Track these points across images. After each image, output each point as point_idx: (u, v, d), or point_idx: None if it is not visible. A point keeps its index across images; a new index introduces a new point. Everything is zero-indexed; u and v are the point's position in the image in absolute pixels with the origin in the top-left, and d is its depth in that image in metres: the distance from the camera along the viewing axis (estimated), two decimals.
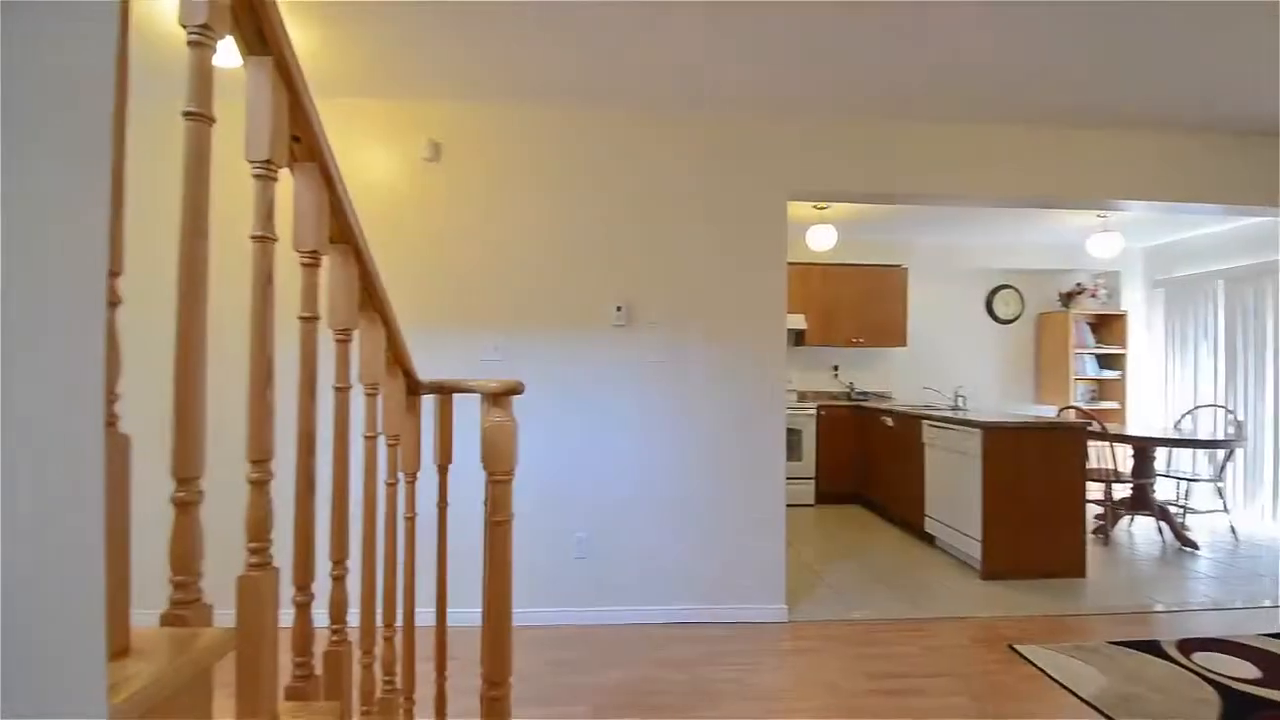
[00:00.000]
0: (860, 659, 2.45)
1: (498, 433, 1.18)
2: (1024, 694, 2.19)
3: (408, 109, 2.76)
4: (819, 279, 5.62)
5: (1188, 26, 2.13)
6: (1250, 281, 4.88)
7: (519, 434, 2.71)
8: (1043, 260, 5.94)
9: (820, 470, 5.25)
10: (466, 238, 2.77)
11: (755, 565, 2.84)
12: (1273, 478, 4.66)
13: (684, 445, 2.83)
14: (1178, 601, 3.13)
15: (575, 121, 2.82)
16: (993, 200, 3.07)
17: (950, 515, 3.79)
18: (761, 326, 2.87)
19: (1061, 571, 3.45)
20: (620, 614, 2.78)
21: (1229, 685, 2.24)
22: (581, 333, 2.80)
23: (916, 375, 6.12)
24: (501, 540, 1.22)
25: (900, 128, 2.95)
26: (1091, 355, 5.95)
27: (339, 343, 1.10)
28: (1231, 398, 5.01)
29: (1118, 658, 2.46)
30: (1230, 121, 2.94)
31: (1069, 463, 3.50)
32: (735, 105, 2.80)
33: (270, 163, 0.88)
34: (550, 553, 2.77)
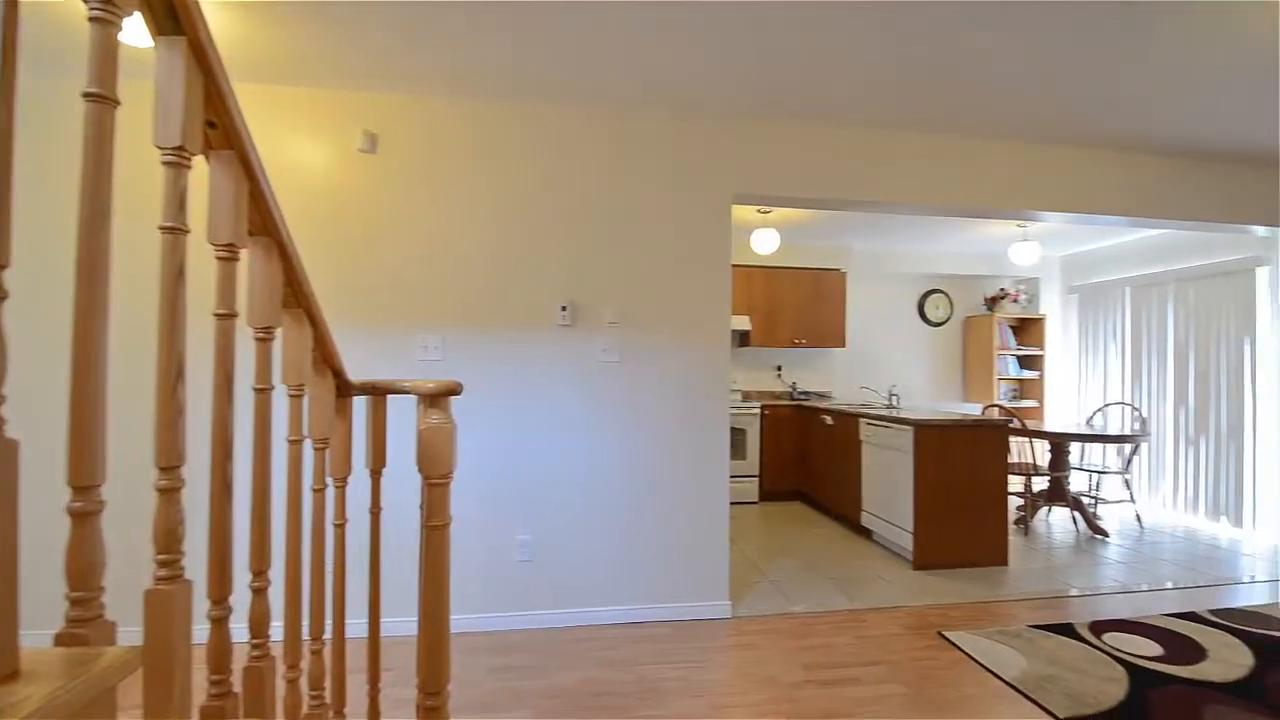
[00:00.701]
0: (799, 651, 2.51)
1: (435, 435, 1.14)
2: (951, 678, 2.30)
3: (342, 98, 2.65)
4: (762, 281, 5.75)
5: (1105, 54, 2.29)
6: (1154, 288, 5.29)
7: (459, 436, 2.66)
8: (969, 266, 6.27)
9: (764, 468, 5.37)
10: (405, 233, 2.68)
11: (700, 563, 2.88)
12: (1173, 469, 5.07)
13: (629, 445, 2.83)
14: (1090, 586, 3.35)
15: (518, 117, 2.77)
16: (926, 208, 3.21)
17: (885, 509, 3.94)
18: (706, 327, 2.91)
19: (986, 560, 3.65)
20: (566, 617, 2.75)
21: (1135, 663, 2.42)
22: (525, 332, 2.76)
23: (854, 375, 6.35)
24: (438, 545, 1.18)
25: (842, 135, 3.05)
26: (1013, 356, 6.32)
27: (260, 341, 1.04)
28: (1137, 396, 5.42)
29: (1037, 640, 2.61)
30: (1139, 141, 3.18)
31: (993, 458, 3.70)
32: (681, 106, 2.82)
33: (182, 149, 0.83)
34: (493, 557, 2.72)
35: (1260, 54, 2.31)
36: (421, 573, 1.22)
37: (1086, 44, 2.25)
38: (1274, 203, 3.54)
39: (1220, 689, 2.22)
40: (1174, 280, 5.09)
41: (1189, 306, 4.98)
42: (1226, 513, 4.62)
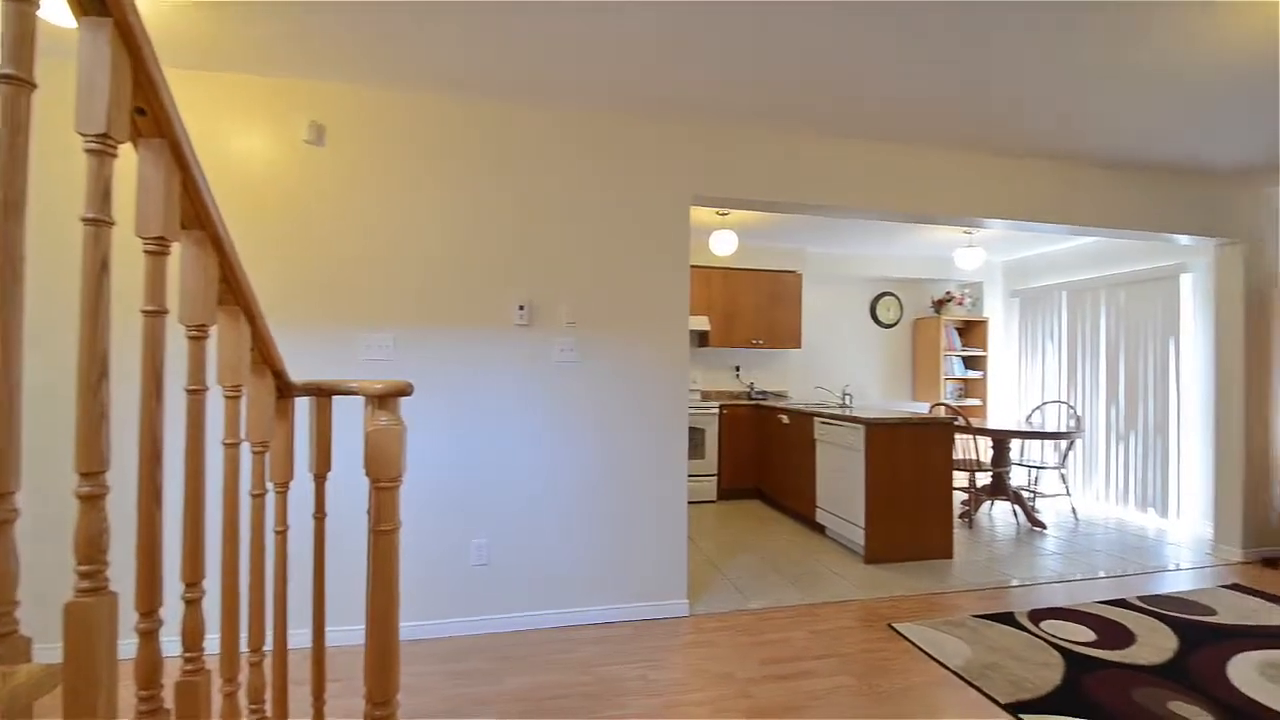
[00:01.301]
0: (755, 646, 2.55)
1: (383, 437, 1.11)
2: (901, 668, 2.37)
3: (287, 87, 2.55)
4: (721, 282, 5.82)
5: (1045, 71, 2.40)
6: (1088, 293, 5.58)
7: (412, 438, 2.60)
8: (918, 270, 6.49)
9: (722, 467, 5.43)
10: (354, 229, 2.60)
11: (659, 563, 2.89)
12: (1105, 464, 5.36)
13: (588, 446, 2.82)
14: (1029, 576, 3.51)
15: (474, 113, 2.73)
16: (878, 213, 3.30)
17: (838, 506, 4.04)
18: (666, 327, 2.92)
19: (933, 553, 3.78)
20: (523, 620, 2.72)
21: (1070, 649, 2.54)
22: (481, 332, 2.71)
23: (810, 375, 6.49)
24: (387, 551, 1.15)
25: (798, 140, 3.11)
26: (959, 357, 6.57)
27: (193, 340, 0.99)
28: (1072, 394, 5.70)
29: (980, 630, 2.72)
30: (1076, 153, 3.35)
31: (939, 454, 3.84)
32: (639, 107, 2.83)
33: (107, 137, 0.78)
34: (448, 561, 2.66)
35: (1184, 74, 2.46)
36: (369, 579, 1.18)
37: (1028, 61, 2.35)
38: (1197, 213, 3.78)
39: (1148, 671, 2.35)
40: (1106, 285, 5.38)
41: (1120, 310, 5.27)
42: (1153, 504, 4.91)
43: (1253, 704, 2.11)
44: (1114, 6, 2.02)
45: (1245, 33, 2.17)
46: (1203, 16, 2.07)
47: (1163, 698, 2.16)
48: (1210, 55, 2.32)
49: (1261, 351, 3.89)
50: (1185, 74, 2.46)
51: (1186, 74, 2.46)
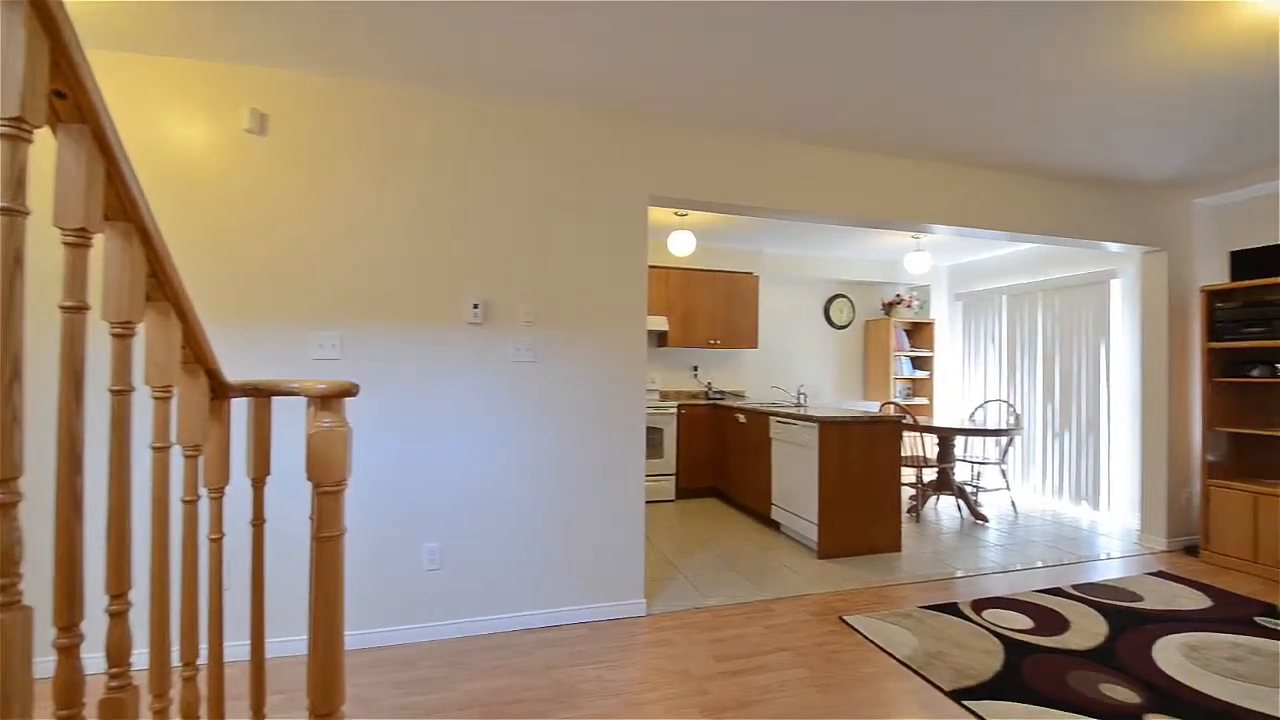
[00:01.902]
0: (711, 643, 2.58)
1: (326, 439, 1.08)
2: (851, 660, 2.44)
3: (226, 73, 2.44)
4: (679, 283, 5.85)
5: (990, 86, 2.51)
6: (1026, 296, 5.85)
7: (361, 441, 2.52)
8: (869, 273, 6.68)
9: (680, 466, 5.47)
10: (300, 222, 2.51)
11: (616, 563, 2.88)
12: (1042, 459, 5.62)
13: (544, 446, 2.80)
14: (973, 567, 3.66)
15: (429, 105, 2.67)
16: (832, 217, 3.38)
17: (792, 503, 4.12)
18: (623, 327, 2.92)
19: (882, 547, 3.90)
20: (478, 624, 2.68)
21: (1010, 636, 2.66)
22: (434, 331, 2.66)
23: (766, 375, 6.60)
24: (330, 558, 1.11)
25: (755, 144, 3.16)
26: (907, 357, 6.80)
27: (118, 338, 0.94)
28: (1012, 393, 5.97)
29: (926, 620, 2.82)
30: (1017, 164, 3.50)
31: (888, 452, 3.96)
32: (599, 105, 2.82)
33: (21, 121, 0.73)
34: (398, 566, 2.59)
35: (1114, 89, 2.60)
36: (312, 587, 1.14)
37: (975, 75, 2.45)
38: (1126, 222, 4.01)
39: (1081, 655, 2.48)
40: (1043, 290, 5.65)
41: (1055, 313, 5.54)
42: (1086, 498, 5.18)
43: (1175, 684, 2.25)
44: (1052, 26, 2.12)
45: (1168, 56, 2.31)
46: (1132, 40, 2.19)
47: (1094, 680, 2.28)
48: (1139, 76, 2.46)
49: (1182, 354, 4.15)
50: (1117, 92, 2.61)
51: (1118, 92, 2.61)
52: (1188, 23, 2.11)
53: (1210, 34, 2.17)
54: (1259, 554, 3.55)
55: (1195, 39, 2.21)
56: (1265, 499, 3.53)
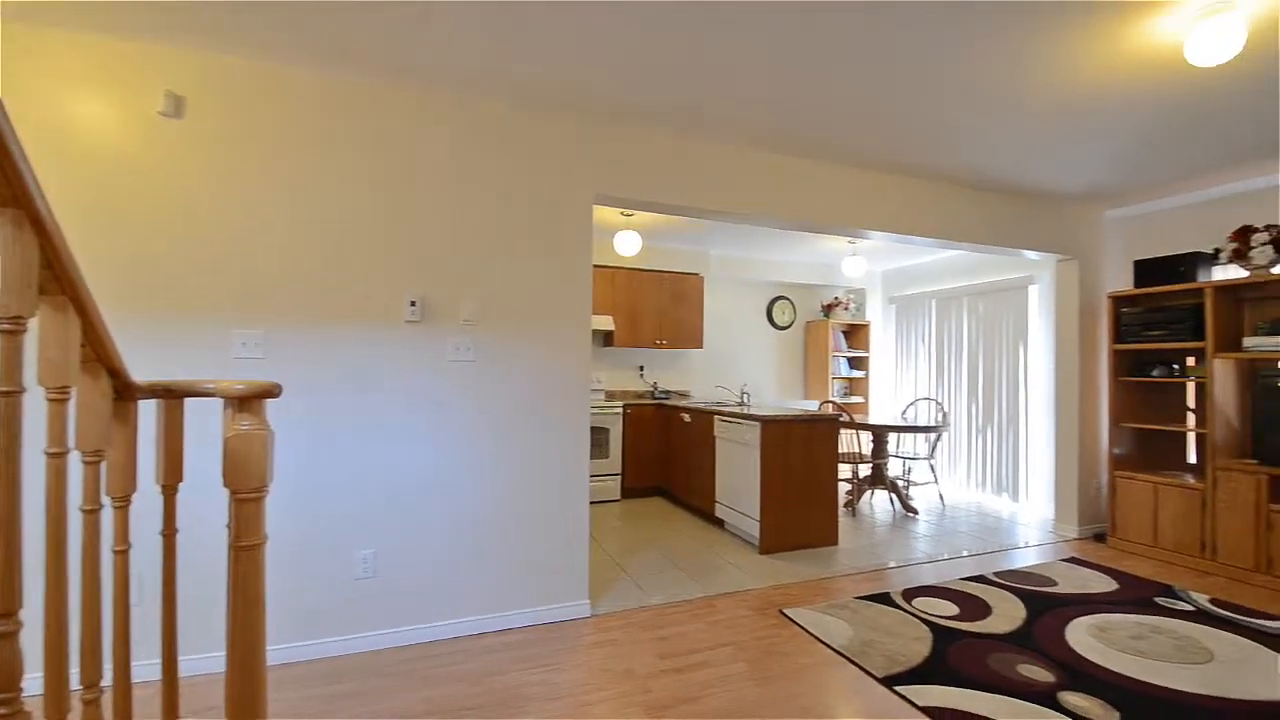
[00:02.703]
0: (654, 642, 2.59)
1: (244, 444, 1.01)
2: (790, 651, 2.50)
3: (138, 51, 2.27)
4: (625, 283, 5.86)
5: (921, 99, 2.62)
6: (953, 300, 6.16)
7: (287, 443, 2.40)
8: (809, 276, 6.88)
9: (626, 466, 5.47)
10: (221, 212, 2.36)
11: (559, 565, 2.85)
12: (966, 454, 5.93)
13: (485, 448, 2.74)
14: (904, 558, 3.82)
15: (365, 94, 2.57)
16: (773, 221, 3.46)
17: (735, 500, 4.19)
18: (567, 326, 2.89)
19: (820, 541, 4.02)
20: (417, 633, 2.59)
21: (937, 623, 2.79)
22: (368, 329, 2.55)
23: (711, 375, 6.69)
24: (250, 568, 1.05)
25: (700, 146, 3.19)
26: (845, 358, 7.04)
27: (6, 334, 0.85)
28: (940, 392, 6.27)
29: (861, 610, 2.92)
30: (945, 174, 3.68)
31: (827, 449, 4.08)
32: (545, 102, 2.79)
33: None
34: (329, 576, 2.48)
35: (1036, 108, 2.77)
36: (230, 599, 1.08)
37: (907, 90, 2.55)
38: (1043, 231, 4.28)
39: (1002, 639, 2.63)
40: (969, 294, 5.97)
41: (979, 316, 5.86)
42: (1007, 490, 5.50)
43: (1085, 662, 2.42)
44: (979, 45, 2.24)
45: (1084, 79, 2.48)
46: (1053, 62, 2.34)
47: (1013, 661, 2.42)
48: (1059, 96, 2.63)
49: (1092, 355, 4.47)
50: (1039, 110, 2.78)
51: (1040, 111, 2.78)
52: (1102, 47, 2.26)
53: (1120, 59, 2.34)
54: (1159, 539, 3.86)
55: (1107, 64, 2.37)
56: (1164, 489, 3.85)
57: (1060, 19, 2.09)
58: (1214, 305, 3.65)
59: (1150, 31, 2.17)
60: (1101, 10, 2.04)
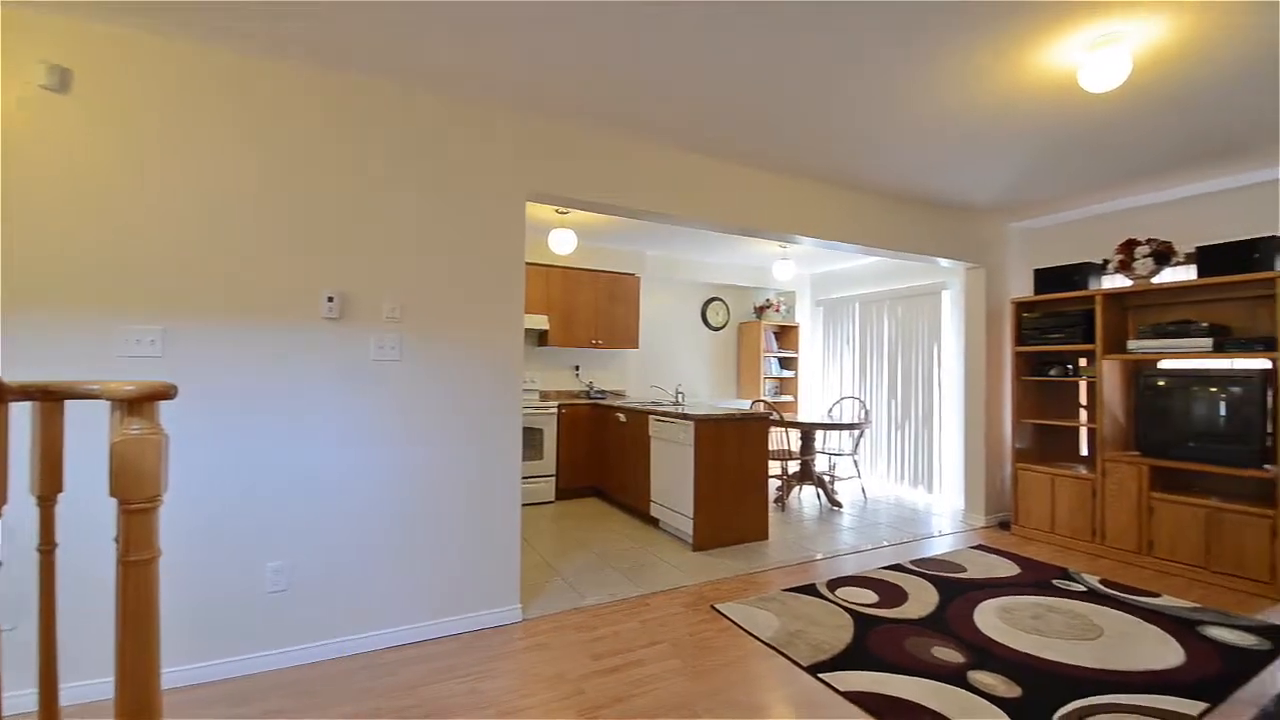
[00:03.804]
0: (587, 643, 2.57)
1: (134, 449, 0.93)
2: (721, 646, 2.54)
3: (16, 17, 2.04)
4: (561, 282, 5.80)
5: (847, 116, 2.72)
6: (874, 304, 6.47)
7: (189, 449, 2.22)
8: (742, 278, 7.05)
9: (560, 467, 5.42)
10: (113, 197, 2.15)
11: (489, 570, 2.78)
12: (886, 449, 6.24)
13: (410, 450, 2.63)
14: (829, 550, 3.97)
15: (279, 75, 2.41)
16: (706, 224, 3.51)
17: (670, 498, 4.23)
18: (498, 324, 2.82)
19: (751, 536, 4.12)
20: (336, 646, 2.46)
21: (859, 611, 2.91)
22: (281, 325, 2.40)
23: (647, 375, 6.73)
24: (141, 584, 0.96)
25: (637, 147, 3.20)
26: (776, 358, 7.25)
27: None
28: (863, 391, 6.57)
29: (788, 602, 3.01)
30: (866, 184, 3.85)
31: (758, 447, 4.19)
32: (476, 94, 2.71)
33: None
34: (236, 590, 2.31)
35: (950, 126, 2.94)
36: (119, 619, 0.98)
37: (832, 104, 2.65)
38: (954, 240, 4.56)
39: (917, 623, 2.77)
40: (888, 298, 6.28)
41: (898, 319, 6.18)
42: (922, 482, 5.83)
43: (992, 642, 2.59)
44: (895, 63, 2.35)
45: (993, 101, 2.65)
46: (964, 84, 2.49)
47: (927, 644, 2.56)
48: (970, 116, 2.80)
49: (997, 356, 4.80)
50: (953, 129, 2.95)
51: (954, 129, 2.95)
52: (1005, 72, 2.42)
53: (1021, 83, 2.52)
54: (1056, 526, 4.19)
55: (1009, 87, 2.55)
56: (1060, 479, 4.18)
57: (966, 41, 2.22)
58: (1103, 311, 3.99)
59: (1048, 58, 2.35)
60: (1004, 38, 2.19)
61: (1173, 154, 3.34)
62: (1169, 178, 3.71)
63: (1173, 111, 2.81)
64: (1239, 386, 3.42)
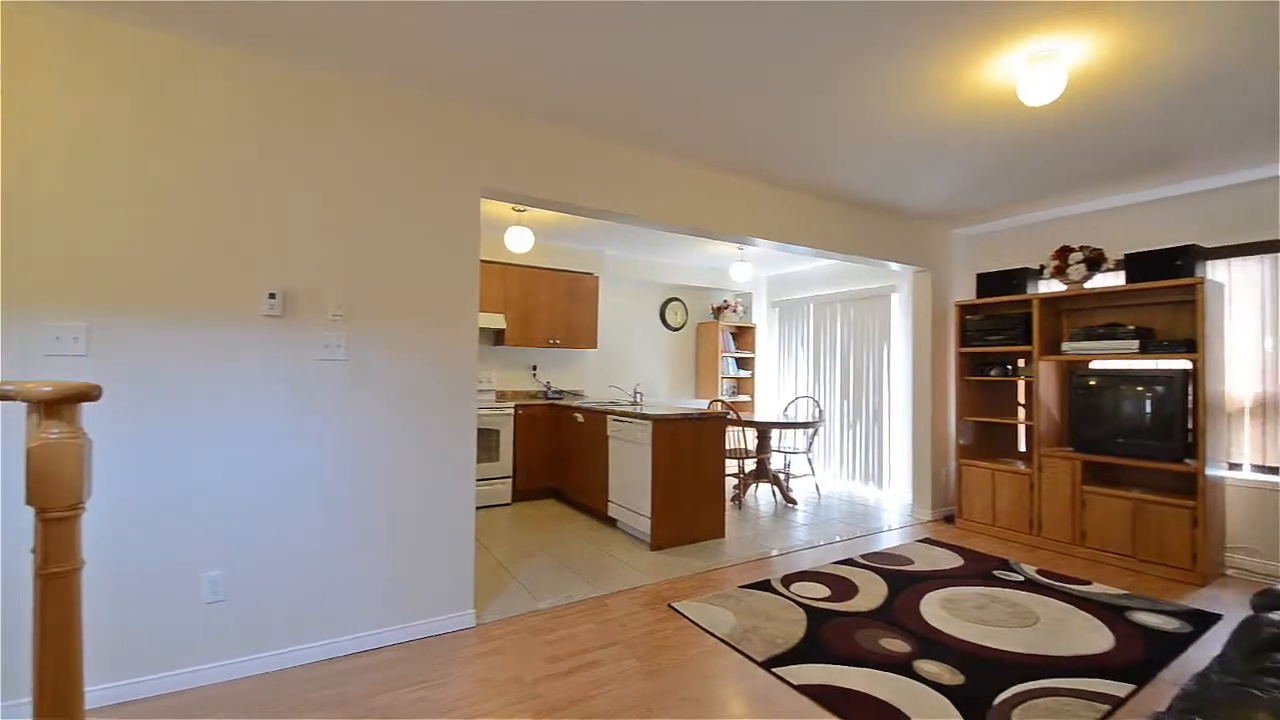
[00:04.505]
0: (543, 646, 2.55)
1: (53, 454, 0.87)
2: (677, 644, 2.56)
3: None
4: (518, 280, 5.73)
5: (800, 126, 2.78)
6: (828, 306, 6.63)
7: (114, 454, 2.10)
8: (701, 279, 7.11)
9: (517, 468, 5.35)
10: (31, 179, 2.01)
11: (442, 575, 2.72)
12: (839, 447, 6.40)
13: (360, 453, 2.55)
14: (784, 546, 4.04)
15: (212, 58, 2.30)
16: (664, 225, 3.52)
17: (628, 499, 4.23)
18: (452, 323, 2.77)
19: (709, 535, 4.16)
20: (281, 658, 2.36)
21: (811, 605, 2.97)
22: (220, 322, 2.28)
23: (605, 375, 6.71)
24: (62, 598, 0.90)
25: (595, 146, 3.18)
26: (733, 358, 7.35)
27: None
28: (817, 390, 6.72)
29: (744, 599, 3.05)
30: (822, 189, 3.94)
31: (715, 446, 4.23)
32: (430, 85, 2.65)
33: None
34: (171, 602, 2.19)
35: (899, 136, 3.03)
36: (37, 635, 0.92)
37: (787, 111, 2.70)
38: (903, 246, 4.71)
39: (867, 615, 2.85)
40: (841, 300, 6.44)
41: (850, 321, 6.35)
42: (873, 479, 6.00)
43: (937, 632, 2.68)
44: (840, 75, 2.41)
45: (936, 113, 2.75)
46: (912, 96, 2.57)
47: (876, 635, 2.63)
48: (917, 127, 2.89)
49: (942, 357, 4.99)
50: (900, 138, 3.04)
51: (901, 139, 3.04)
52: (950, 85, 2.52)
53: (963, 96, 2.62)
54: (997, 519, 4.38)
55: (954, 100, 2.64)
56: (1000, 474, 4.37)
57: (909, 54, 2.30)
58: (1039, 314, 4.20)
59: (990, 73, 2.45)
60: (949, 52, 2.27)
61: (1105, 166, 3.53)
62: (1101, 188, 3.93)
63: (1105, 126, 2.97)
64: (1163, 386, 3.64)
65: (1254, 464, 3.66)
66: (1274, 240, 3.58)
